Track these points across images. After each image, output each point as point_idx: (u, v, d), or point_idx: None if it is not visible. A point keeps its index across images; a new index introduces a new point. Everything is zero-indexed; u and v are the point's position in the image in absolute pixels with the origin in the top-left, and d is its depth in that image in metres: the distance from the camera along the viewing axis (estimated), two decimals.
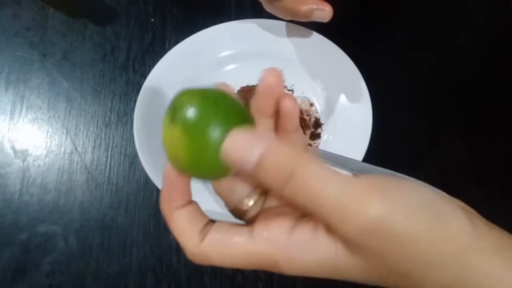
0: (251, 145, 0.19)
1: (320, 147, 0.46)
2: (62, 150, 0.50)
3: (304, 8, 0.36)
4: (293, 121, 0.24)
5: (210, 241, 0.22)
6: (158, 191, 0.44)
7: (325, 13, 0.35)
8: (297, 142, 0.25)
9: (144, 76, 0.49)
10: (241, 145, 0.19)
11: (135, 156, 0.48)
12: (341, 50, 0.48)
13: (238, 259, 0.21)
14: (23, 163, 0.49)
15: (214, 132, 0.20)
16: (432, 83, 0.52)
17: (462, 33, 0.55)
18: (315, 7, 0.35)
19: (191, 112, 0.20)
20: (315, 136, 0.47)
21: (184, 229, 0.23)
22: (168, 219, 0.23)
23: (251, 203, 0.24)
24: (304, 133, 0.47)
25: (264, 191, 0.25)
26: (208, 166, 0.21)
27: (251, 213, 0.24)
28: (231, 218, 0.25)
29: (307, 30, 0.49)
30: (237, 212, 0.25)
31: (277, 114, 0.24)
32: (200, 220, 0.23)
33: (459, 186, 0.44)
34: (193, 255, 0.23)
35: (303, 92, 0.49)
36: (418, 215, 0.18)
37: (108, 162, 0.49)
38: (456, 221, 0.19)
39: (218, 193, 0.25)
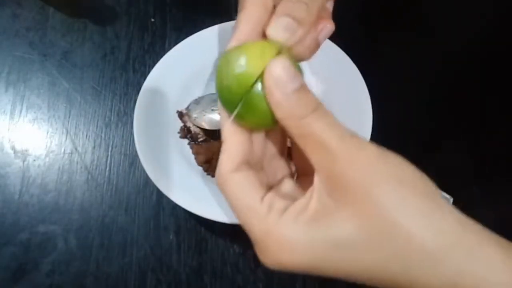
0: (294, 74, 0.21)
1: None
2: (62, 150, 0.50)
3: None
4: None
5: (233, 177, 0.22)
6: (158, 191, 0.44)
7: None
8: None
9: (144, 76, 0.49)
10: (288, 70, 0.20)
11: (135, 156, 0.48)
12: (341, 50, 0.48)
13: None
14: (23, 163, 0.49)
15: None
16: (432, 83, 0.52)
17: (462, 33, 0.55)
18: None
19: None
20: None
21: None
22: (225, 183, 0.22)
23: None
24: None
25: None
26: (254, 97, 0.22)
27: None
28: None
29: None
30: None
31: None
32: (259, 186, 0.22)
33: (459, 186, 0.44)
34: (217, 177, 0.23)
35: None
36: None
37: (108, 162, 0.49)
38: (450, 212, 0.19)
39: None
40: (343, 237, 0.19)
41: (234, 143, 0.23)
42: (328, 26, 0.26)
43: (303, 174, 0.26)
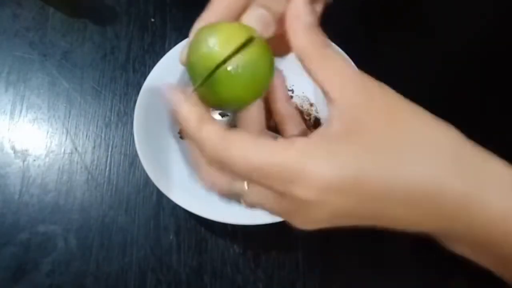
0: (312, 11, 0.22)
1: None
2: (62, 150, 0.50)
3: None
4: None
5: (238, 135, 0.20)
6: (158, 191, 0.44)
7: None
8: None
9: (144, 76, 0.49)
10: (307, 6, 0.22)
11: (135, 156, 0.48)
12: (341, 50, 0.48)
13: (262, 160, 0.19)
14: (23, 163, 0.49)
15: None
16: (432, 83, 0.52)
17: (462, 33, 0.55)
18: None
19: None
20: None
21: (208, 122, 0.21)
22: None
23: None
24: None
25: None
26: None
27: None
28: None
29: None
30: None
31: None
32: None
33: None
34: (215, 144, 0.20)
35: (303, 92, 0.49)
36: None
37: (108, 162, 0.49)
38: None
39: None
40: (376, 147, 0.20)
41: (203, 110, 0.22)
42: None
43: None
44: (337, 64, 0.21)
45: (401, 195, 0.19)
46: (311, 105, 0.48)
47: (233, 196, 0.23)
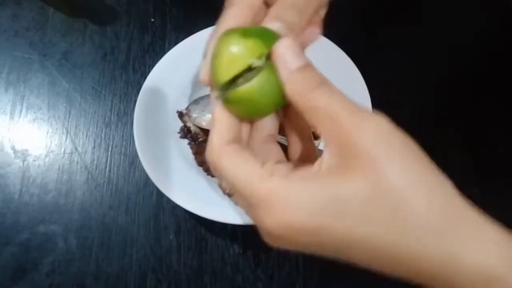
0: (299, 52, 0.22)
1: (320, 147, 0.46)
2: (62, 150, 0.50)
3: None
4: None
5: (233, 150, 0.22)
6: (158, 191, 0.44)
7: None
8: None
9: (144, 76, 0.49)
10: (293, 48, 0.22)
11: (135, 156, 0.48)
12: (341, 50, 0.48)
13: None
14: (23, 163, 0.49)
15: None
16: (433, 82, 0.52)
17: (462, 34, 0.55)
18: None
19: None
20: (315, 136, 0.47)
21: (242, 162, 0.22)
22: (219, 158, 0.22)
23: None
24: None
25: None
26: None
27: None
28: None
29: None
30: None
31: None
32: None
33: (459, 186, 0.44)
34: (212, 149, 0.23)
35: None
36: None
37: (108, 162, 0.49)
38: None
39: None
40: (349, 197, 0.19)
41: (224, 119, 0.23)
42: (316, 31, 0.27)
43: (300, 162, 0.26)
44: (325, 113, 0.21)
45: (369, 248, 0.20)
46: None
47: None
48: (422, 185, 0.19)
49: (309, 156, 0.23)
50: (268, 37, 0.23)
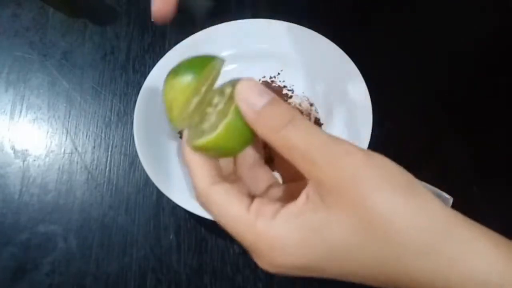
0: (260, 90, 0.21)
1: None
2: (62, 150, 0.50)
3: None
4: None
5: (218, 191, 0.22)
6: (158, 191, 0.44)
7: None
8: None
9: (144, 76, 0.49)
10: (254, 88, 0.21)
11: (135, 156, 0.48)
12: (341, 50, 0.48)
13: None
14: (23, 163, 0.49)
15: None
16: (433, 82, 0.52)
17: (462, 34, 0.55)
18: None
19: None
20: None
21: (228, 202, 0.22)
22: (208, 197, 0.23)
23: None
24: None
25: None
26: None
27: None
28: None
29: (307, 30, 0.49)
30: None
31: None
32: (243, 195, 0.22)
33: (459, 186, 0.44)
34: (200, 192, 0.23)
35: (303, 92, 0.49)
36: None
37: (108, 162, 0.49)
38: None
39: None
40: (337, 239, 0.19)
41: (199, 162, 0.23)
42: None
43: (289, 180, 0.26)
44: (298, 152, 0.20)
45: (361, 279, 0.20)
46: (311, 105, 0.48)
47: None
48: (405, 209, 0.19)
49: (298, 173, 0.24)
50: (199, 65, 0.23)
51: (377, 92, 0.46)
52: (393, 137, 0.48)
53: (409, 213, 0.19)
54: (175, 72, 0.23)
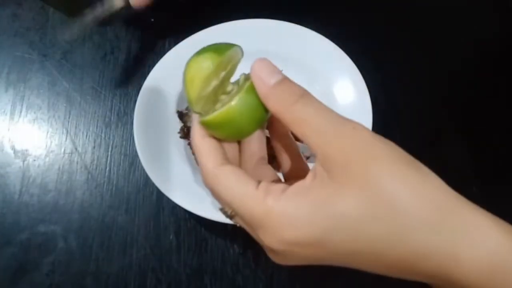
0: (274, 69, 0.23)
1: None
2: (62, 150, 0.50)
3: None
4: None
5: (226, 172, 0.23)
6: (158, 191, 0.44)
7: None
8: None
9: (144, 76, 0.49)
10: (269, 66, 0.23)
11: (135, 156, 0.48)
12: (341, 50, 0.48)
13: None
14: (23, 163, 0.49)
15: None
16: (433, 82, 0.52)
17: (462, 34, 0.55)
18: None
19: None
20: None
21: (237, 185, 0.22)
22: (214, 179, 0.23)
23: None
24: None
25: None
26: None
27: None
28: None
29: (307, 30, 0.49)
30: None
31: None
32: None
33: (459, 186, 0.44)
34: (207, 173, 0.23)
35: None
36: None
37: (108, 162, 0.49)
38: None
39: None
40: (345, 212, 0.19)
41: (210, 143, 0.24)
42: None
43: (291, 178, 0.27)
44: (309, 125, 0.21)
45: (369, 257, 0.20)
46: None
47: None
48: (413, 187, 0.19)
49: (300, 172, 0.24)
50: (221, 49, 0.24)
51: (377, 92, 0.46)
52: (393, 137, 0.48)
53: (416, 188, 0.19)
54: (198, 53, 0.24)
